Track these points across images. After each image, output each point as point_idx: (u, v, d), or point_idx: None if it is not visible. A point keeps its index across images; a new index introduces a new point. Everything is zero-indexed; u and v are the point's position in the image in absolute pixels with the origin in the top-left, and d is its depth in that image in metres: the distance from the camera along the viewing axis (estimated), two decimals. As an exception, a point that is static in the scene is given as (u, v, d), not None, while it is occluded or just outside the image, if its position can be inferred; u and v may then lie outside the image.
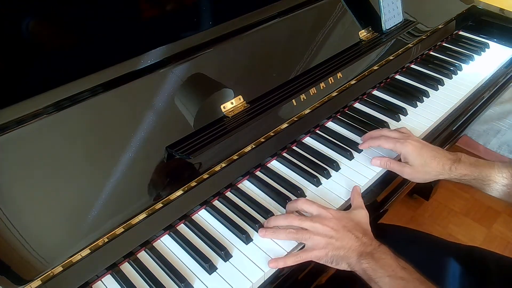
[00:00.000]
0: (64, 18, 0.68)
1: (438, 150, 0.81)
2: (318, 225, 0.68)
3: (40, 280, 0.59)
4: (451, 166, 0.79)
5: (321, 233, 0.67)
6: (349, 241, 0.67)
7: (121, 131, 0.69)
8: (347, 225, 0.69)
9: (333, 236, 0.67)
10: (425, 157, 0.79)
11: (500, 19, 1.30)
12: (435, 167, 0.79)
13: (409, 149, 0.80)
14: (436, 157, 0.79)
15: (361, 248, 0.66)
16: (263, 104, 0.82)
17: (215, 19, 0.83)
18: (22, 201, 0.59)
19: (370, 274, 0.64)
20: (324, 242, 0.67)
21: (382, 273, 0.63)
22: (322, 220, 0.69)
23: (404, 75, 1.13)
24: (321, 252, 0.67)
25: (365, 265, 0.64)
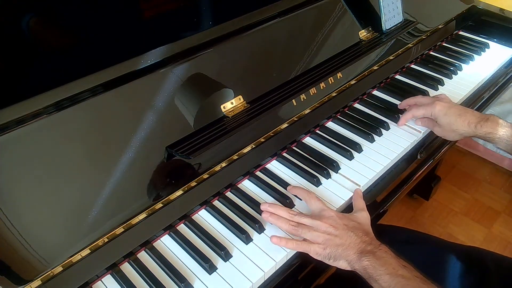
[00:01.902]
0: (64, 18, 0.68)
1: (466, 109, 0.88)
2: (319, 222, 0.69)
3: (40, 280, 0.59)
4: (477, 124, 0.84)
5: (321, 230, 0.68)
6: (348, 239, 0.67)
7: (121, 131, 0.69)
8: (348, 224, 0.69)
9: (332, 233, 0.68)
10: (451, 115, 0.86)
11: (500, 19, 1.30)
12: (461, 125, 0.86)
13: (436, 110, 0.88)
14: (461, 115, 0.86)
15: (361, 246, 0.67)
16: (263, 104, 0.82)
17: (215, 19, 0.83)
18: (22, 201, 0.59)
19: (371, 272, 0.64)
20: (322, 238, 0.68)
21: (383, 271, 0.63)
22: (322, 218, 0.70)
23: (404, 75, 1.13)
24: (319, 247, 0.68)
25: (365, 263, 0.64)
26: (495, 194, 1.79)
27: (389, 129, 0.95)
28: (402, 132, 0.94)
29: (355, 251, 0.66)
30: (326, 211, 0.71)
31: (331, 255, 0.67)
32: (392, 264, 0.64)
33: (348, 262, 0.67)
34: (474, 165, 1.91)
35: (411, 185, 0.94)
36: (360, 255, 0.65)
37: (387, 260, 0.64)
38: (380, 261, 0.64)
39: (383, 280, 0.62)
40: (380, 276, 0.63)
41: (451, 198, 1.78)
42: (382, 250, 0.66)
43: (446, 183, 1.82)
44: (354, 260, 0.66)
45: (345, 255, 0.66)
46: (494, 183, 1.84)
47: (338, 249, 0.67)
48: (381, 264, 0.64)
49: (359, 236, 0.68)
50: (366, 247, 0.66)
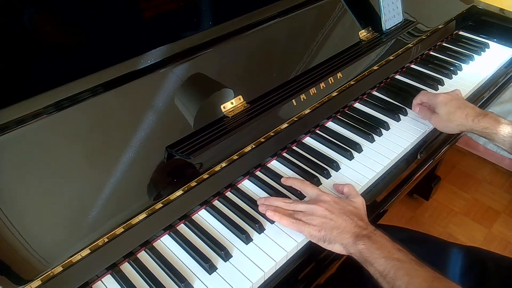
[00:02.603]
0: (64, 18, 0.68)
1: (467, 104, 0.89)
2: (313, 206, 0.70)
3: (40, 280, 0.59)
4: (475, 118, 0.85)
5: (316, 213, 0.69)
6: (344, 222, 0.68)
7: (121, 131, 0.69)
8: (343, 208, 0.70)
9: (327, 216, 0.69)
10: (451, 106, 0.88)
11: (500, 19, 1.30)
12: (458, 117, 0.86)
13: (438, 100, 0.89)
14: (461, 108, 0.87)
15: (357, 230, 0.67)
16: (263, 104, 0.82)
17: (215, 19, 0.83)
18: (22, 201, 0.59)
19: (366, 255, 0.64)
20: (318, 221, 0.68)
21: (378, 254, 0.63)
22: (319, 202, 0.71)
23: (404, 75, 1.13)
24: (314, 229, 0.68)
25: (361, 247, 0.65)
26: (495, 194, 1.79)
27: (389, 129, 0.95)
28: (402, 132, 0.94)
29: (351, 235, 0.67)
30: (322, 196, 0.72)
31: (326, 238, 0.68)
32: (387, 248, 0.64)
33: (344, 246, 0.67)
34: (474, 165, 1.91)
35: (411, 185, 0.94)
36: (356, 239, 0.66)
37: (382, 244, 0.65)
38: (376, 245, 0.64)
39: (379, 263, 0.63)
40: (376, 260, 0.63)
41: (451, 198, 1.78)
42: (378, 235, 0.66)
43: (446, 183, 1.82)
44: (350, 244, 0.66)
45: (340, 238, 0.67)
46: (494, 183, 1.84)
47: (333, 232, 0.67)
48: (376, 248, 0.64)
49: (354, 221, 0.68)
50: (361, 231, 0.67)
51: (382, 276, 0.62)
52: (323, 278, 0.74)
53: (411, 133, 0.94)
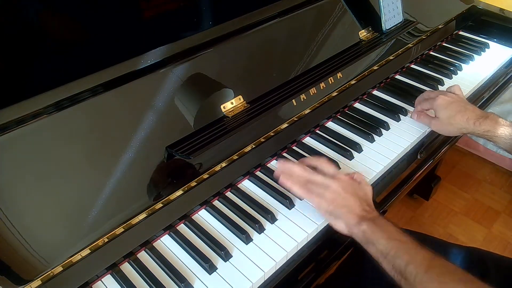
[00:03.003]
0: (64, 18, 0.68)
1: (467, 106, 0.88)
2: (331, 181, 0.72)
3: (40, 280, 0.59)
4: (476, 121, 0.85)
5: (331, 188, 0.71)
6: (353, 204, 0.70)
7: (121, 131, 0.69)
8: (355, 191, 0.72)
9: (341, 194, 0.70)
10: (452, 110, 0.87)
11: (500, 19, 1.30)
12: (460, 120, 0.86)
13: (438, 103, 0.88)
14: (461, 112, 0.86)
15: (363, 213, 0.69)
16: (263, 104, 0.82)
17: (215, 19, 0.83)
18: (22, 201, 0.59)
19: (368, 236, 0.66)
20: (330, 196, 0.70)
21: (381, 235, 0.65)
22: (336, 179, 0.72)
23: (404, 75, 1.13)
24: (323, 203, 0.70)
25: (364, 227, 0.67)
26: (495, 194, 1.80)
27: (389, 129, 0.95)
28: (402, 132, 0.94)
29: (357, 216, 0.69)
30: (339, 174, 0.74)
31: (333, 213, 0.70)
32: (390, 230, 0.66)
33: (346, 225, 0.69)
34: (474, 165, 1.91)
35: (411, 185, 0.94)
36: (360, 220, 0.68)
37: (385, 226, 0.67)
38: (379, 227, 0.66)
39: (380, 243, 0.65)
40: (378, 240, 0.65)
41: (451, 198, 1.78)
42: (382, 219, 0.69)
43: (446, 183, 1.82)
44: (353, 224, 0.68)
45: (346, 217, 0.69)
46: (494, 183, 1.84)
47: (342, 209, 0.69)
48: (379, 230, 0.66)
49: (362, 205, 0.70)
50: (367, 215, 0.69)
51: (383, 256, 0.64)
52: (323, 278, 0.74)
53: (411, 133, 0.94)
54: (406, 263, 0.62)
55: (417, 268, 0.60)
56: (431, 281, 0.59)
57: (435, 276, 0.59)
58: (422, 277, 0.60)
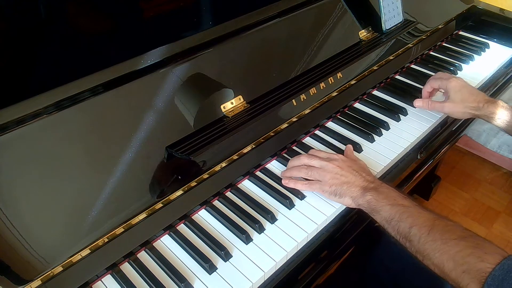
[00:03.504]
0: (64, 18, 0.68)
1: (478, 91, 0.94)
2: (326, 163, 0.76)
3: (40, 280, 0.59)
4: (484, 104, 0.90)
5: (328, 170, 0.76)
6: (353, 177, 0.74)
7: (121, 131, 0.69)
8: (352, 166, 0.77)
9: (338, 172, 0.75)
10: (464, 93, 0.92)
11: (500, 19, 1.30)
12: (471, 103, 0.91)
13: (452, 85, 0.93)
14: (473, 94, 0.92)
15: (365, 184, 0.73)
16: (263, 104, 0.82)
17: (215, 19, 0.83)
18: (22, 201, 0.59)
19: (373, 205, 0.70)
20: (329, 177, 0.75)
21: (384, 203, 0.69)
22: (330, 160, 0.77)
23: (404, 75, 1.13)
24: (325, 185, 0.75)
25: (368, 197, 0.70)
26: (495, 194, 1.80)
27: (389, 129, 0.95)
28: (402, 132, 0.94)
29: (359, 188, 0.73)
30: (333, 155, 0.79)
31: (337, 192, 0.74)
32: (393, 196, 0.70)
33: (353, 199, 0.73)
34: (474, 165, 1.91)
35: (411, 185, 0.94)
36: (364, 191, 0.72)
37: (388, 193, 0.70)
38: (382, 195, 0.70)
39: (384, 210, 0.68)
40: (382, 207, 0.69)
41: (451, 198, 1.78)
42: (384, 186, 0.72)
43: (446, 183, 1.82)
44: (358, 196, 0.72)
45: (350, 192, 0.73)
46: (494, 183, 1.84)
47: (343, 186, 0.73)
48: (383, 198, 0.70)
49: (362, 176, 0.75)
50: (369, 184, 0.73)
51: (387, 222, 0.68)
52: (323, 278, 0.74)
53: (411, 133, 0.94)
54: (409, 226, 0.65)
55: (421, 230, 0.64)
56: (434, 240, 0.62)
57: (438, 235, 0.62)
58: (426, 237, 0.63)
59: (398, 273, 0.84)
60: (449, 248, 0.60)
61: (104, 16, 0.73)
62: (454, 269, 0.59)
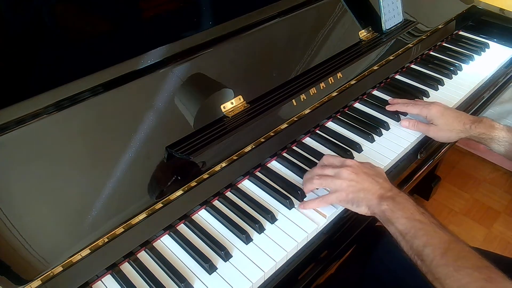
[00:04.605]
0: (64, 18, 0.68)
1: (460, 112, 0.92)
2: (340, 170, 0.73)
3: (40, 280, 0.59)
4: (471, 125, 0.88)
5: (343, 177, 0.72)
6: (369, 185, 0.71)
7: (121, 131, 0.69)
8: (368, 172, 0.73)
9: (354, 179, 0.71)
10: (448, 117, 0.89)
11: (500, 19, 1.30)
12: (457, 126, 0.88)
13: (433, 111, 0.90)
14: (457, 117, 0.89)
15: (381, 191, 0.70)
16: (263, 104, 0.82)
17: (215, 19, 0.83)
18: (22, 201, 0.59)
19: (389, 215, 0.66)
20: (345, 185, 0.71)
21: (400, 215, 0.66)
22: (344, 167, 0.73)
23: (404, 75, 1.13)
24: (341, 194, 0.71)
25: (384, 207, 0.67)
26: (495, 194, 1.79)
27: (389, 129, 0.95)
28: (402, 132, 0.94)
29: (376, 196, 0.69)
30: (347, 161, 0.75)
31: (354, 200, 0.71)
32: (410, 210, 0.66)
33: (369, 207, 0.70)
34: (474, 165, 1.91)
35: (411, 185, 0.94)
36: (380, 199, 0.68)
37: (405, 205, 0.67)
38: (399, 206, 0.67)
39: (400, 223, 0.65)
40: (397, 219, 0.66)
41: (451, 198, 1.78)
42: (402, 197, 0.69)
43: (446, 183, 1.82)
44: (374, 205, 0.69)
45: (367, 199, 0.70)
46: (494, 183, 1.84)
47: (360, 194, 0.70)
48: (399, 209, 0.66)
49: (379, 183, 0.71)
50: (386, 193, 0.70)
51: (401, 235, 0.65)
52: (323, 278, 0.74)
53: (411, 133, 0.94)
54: (423, 244, 0.62)
55: (434, 251, 0.61)
56: (446, 265, 0.59)
57: (451, 261, 0.60)
58: (439, 260, 0.60)
59: (398, 273, 0.83)
60: (461, 277, 0.57)
61: (104, 16, 0.73)
62: None
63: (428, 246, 0.62)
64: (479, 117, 0.90)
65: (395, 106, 0.96)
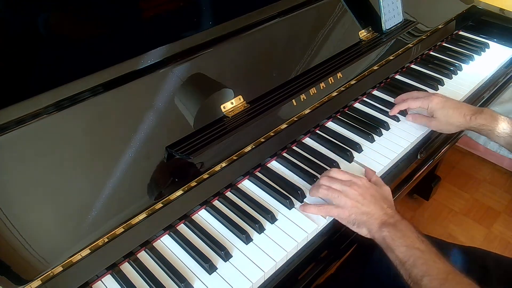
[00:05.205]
0: (64, 18, 0.68)
1: (461, 103, 0.91)
2: (348, 188, 0.72)
3: (40, 280, 0.59)
4: (472, 116, 0.87)
5: (349, 196, 0.71)
6: (374, 209, 0.70)
7: (121, 131, 0.69)
8: (374, 194, 0.72)
9: (360, 201, 0.71)
10: (448, 109, 0.89)
11: (500, 19, 1.30)
12: (457, 117, 0.88)
13: (434, 103, 0.90)
14: (457, 108, 0.89)
15: (384, 217, 0.69)
16: (263, 104, 0.82)
17: (215, 19, 0.83)
18: (22, 201, 0.59)
19: (389, 242, 0.66)
20: (350, 204, 0.71)
21: (400, 243, 0.65)
22: (352, 185, 0.72)
23: (404, 75, 1.13)
24: (345, 212, 0.71)
25: (385, 233, 0.67)
26: (495, 194, 1.79)
27: (389, 129, 0.95)
28: (402, 132, 0.94)
29: (378, 221, 0.69)
30: (355, 178, 0.74)
31: (356, 221, 0.70)
32: (410, 238, 0.66)
33: (369, 231, 0.69)
34: (474, 165, 1.91)
35: (411, 185, 0.94)
36: (382, 225, 0.68)
37: (406, 233, 0.66)
38: (399, 233, 0.66)
39: (400, 251, 0.65)
40: (397, 247, 0.65)
41: (451, 198, 1.78)
42: (403, 224, 0.68)
43: (446, 183, 1.82)
44: (375, 230, 0.68)
45: (369, 223, 0.69)
46: (494, 183, 1.84)
47: (363, 216, 0.70)
48: (399, 236, 0.66)
49: (383, 208, 0.70)
50: (388, 219, 0.69)
51: (401, 263, 0.65)
52: (323, 278, 0.74)
53: (411, 133, 0.94)
54: (422, 274, 0.62)
55: (432, 282, 0.61)
56: None
57: None
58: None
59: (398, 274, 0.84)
60: None
61: (105, 16, 0.73)
62: None
63: (426, 276, 0.62)
64: (480, 107, 0.90)
65: (397, 107, 0.96)
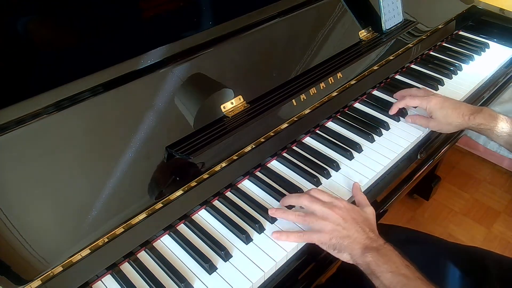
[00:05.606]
0: (64, 18, 0.68)
1: (460, 102, 0.91)
2: (328, 211, 0.68)
3: (40, 280, 0.59)
4: (470, 116, 0.87)
5: (329, 219, 0.68)
6: (356, 233, 0.67)
7: (121, 131, 0.69)
8: (356, 217, 0.69)
9: (341, 224, 0.67)
10: (447, 109, 0.89)
11: (500, 19, 1.30)
12: (456, 117, 0.88)
13: (432, 104, 0.90)
14: (456, 108, 0.89)
15: (367, 242, 0.66)
16: (263, 104, 0.82)
17: (215, 19, 0.83)
18: (22, 201, 0.59)
19: (373, 268, 0.63)
20: (330, 228, 0.67)
21: (385, 269, 0.63)
22: (333, 207, 0.69)
23: (404, 75, 1.13)
24: (325, 236, 0.67)
25: (369, 259, 0.64)
26: (495, 194, 1.79)
27: (389, 129, 0.95)
28: (402, 132, 0.94)
29: (360, 246, 0.66)
30: (336, 201, 0.71)
31: (336, 246, 0.67)
32: (395, 263, 0.63)
33: (352, 256, 0.66)
34: (474, 165, 1.91)
35: (411, 185, 0.94)
36: (365, 250, 0.65)
37: (390, 258, 0.64)
38: (384, 258, 0.64)
39: (385, 278, 0.62)
40: (382, 273, 0.63)
41: (451, 198, 1.78)
42: (387, 248, 0.65)
43: (446, 183, 1.82)
44: (358, 255, 0.65)
45: (350, 248, 0.66)
46: (494, 183, 1.84)
47: (344, 241, 0.66)
48: (384, 262, 0.63)
49: (365, 232, 0.67)
50: (371, 243, 0.66)
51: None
52: (323, 278, 0.74)
53: (411, 133, 0.94)
54: None
55: None
56: None
57: None
58: None
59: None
60: None
61: (105, 15, 0.73)
62: None
63: None
64: (479, 107, 0.90)
65: (395, 105, 0.96)
